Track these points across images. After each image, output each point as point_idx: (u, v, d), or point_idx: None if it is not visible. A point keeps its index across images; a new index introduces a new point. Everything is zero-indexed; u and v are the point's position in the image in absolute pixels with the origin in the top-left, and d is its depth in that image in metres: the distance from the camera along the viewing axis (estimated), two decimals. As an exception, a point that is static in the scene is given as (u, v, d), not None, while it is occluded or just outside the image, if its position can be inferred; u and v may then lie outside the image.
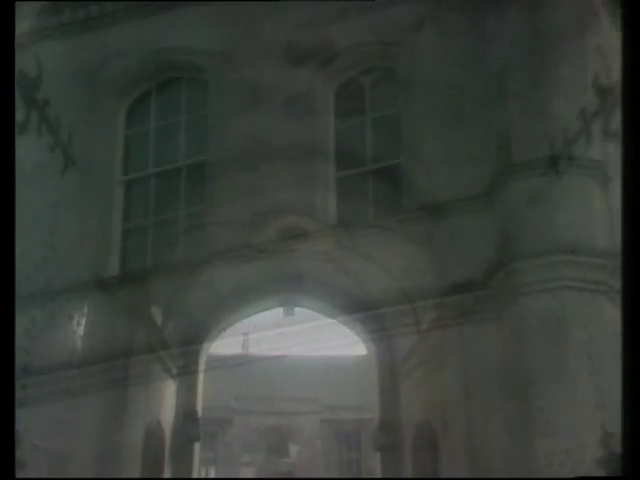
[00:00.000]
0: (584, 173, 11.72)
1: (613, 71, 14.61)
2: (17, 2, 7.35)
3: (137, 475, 13.17)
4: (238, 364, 11.47)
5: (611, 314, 11.54)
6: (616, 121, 14.72)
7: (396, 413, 11.76)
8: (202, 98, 14.92)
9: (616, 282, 11.59)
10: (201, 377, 13.89)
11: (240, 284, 13.13)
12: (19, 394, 6.36)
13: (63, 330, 13.05)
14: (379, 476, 16.59)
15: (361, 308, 12.58)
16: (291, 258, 13.09)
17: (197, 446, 13.72)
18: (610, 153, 14.34)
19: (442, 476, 10.84)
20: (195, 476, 13.79)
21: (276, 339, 11.34)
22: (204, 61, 14.87)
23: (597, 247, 11.53)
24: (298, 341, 12.99)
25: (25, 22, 12.40)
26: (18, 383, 6.31)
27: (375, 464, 18.92)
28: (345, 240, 12.96)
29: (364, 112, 14.03)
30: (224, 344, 13.98)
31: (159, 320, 13.57)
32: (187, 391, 13.78)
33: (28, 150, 8.48)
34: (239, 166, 13.97)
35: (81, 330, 13.13)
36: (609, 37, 14.27)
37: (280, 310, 14.59)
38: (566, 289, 11.21)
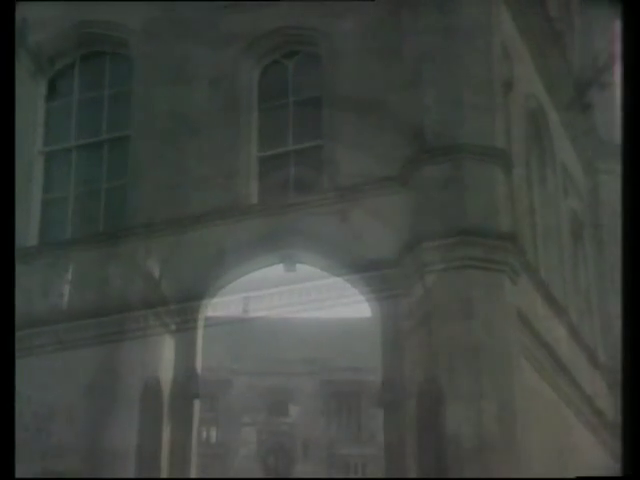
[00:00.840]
0: (490, 160, 12.40)
1: (514, 67, 15.46)
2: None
3: (135, 430, 12.99)
4: (238, 326, 11.57)
5: (510, 291, 12.35)
6: (518, 110, 15.62)
7: (400, 371, 12.08)
8: (126, 73, 15.03)
9: (515, 262, 12.41)
10: (200, 335, 13.44)
11: (239, 240, 13.14)
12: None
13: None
14: (381, 435, 16.92)
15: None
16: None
17: (197, 403, 13.47)
18: (514, 138, 15.13)
19: (447, 431, 11.23)
20: (195, 434, 13.30)
21: (277, 298, 11.35)
22: (129, 37, 14.92)
23: (499, 229, 12.24)
24: (299, 301, 12.85)
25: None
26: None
27: (375, 425, 19.05)
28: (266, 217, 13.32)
29: (287, 94, 14.33)
30: (224, 305, 13.54)
31: (156, 275, 13.43)
32: (186, 349, 13.32)
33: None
34: (162, 142, 14.23)
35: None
36: (512, 36, 15.10)
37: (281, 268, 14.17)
38: (470, 268, 11.86)
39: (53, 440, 13.22)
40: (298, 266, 13.12)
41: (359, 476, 16.76)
